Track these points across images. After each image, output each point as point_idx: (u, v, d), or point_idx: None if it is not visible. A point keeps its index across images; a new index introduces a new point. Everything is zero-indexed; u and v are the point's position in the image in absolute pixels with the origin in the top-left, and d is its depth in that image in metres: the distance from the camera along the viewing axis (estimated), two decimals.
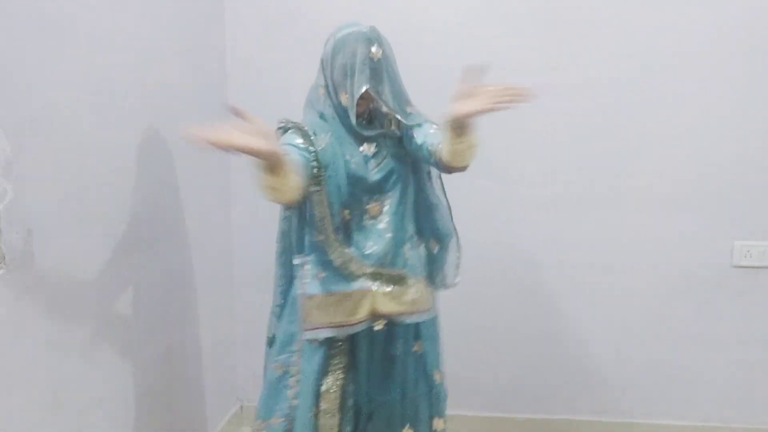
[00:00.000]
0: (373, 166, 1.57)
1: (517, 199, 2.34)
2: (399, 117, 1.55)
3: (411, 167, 1.65)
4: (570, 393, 2.46)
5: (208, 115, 2.33)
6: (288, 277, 1.71)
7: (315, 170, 1.51)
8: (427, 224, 1.70)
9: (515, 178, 2.32)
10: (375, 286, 1.57)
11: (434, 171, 1.70)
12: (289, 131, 1.58)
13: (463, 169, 1.49)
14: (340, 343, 1.60)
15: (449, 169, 1.50)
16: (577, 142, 2.29)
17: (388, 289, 1.57)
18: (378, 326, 1.59)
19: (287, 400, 1.62)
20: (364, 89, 1.47)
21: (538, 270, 2.38)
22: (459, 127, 1.36)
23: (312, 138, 1.55)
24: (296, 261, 1.65)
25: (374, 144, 1.59)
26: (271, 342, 1.74)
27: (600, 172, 2.31)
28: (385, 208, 1.59)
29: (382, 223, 1.58)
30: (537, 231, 2.36)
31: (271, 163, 1.27)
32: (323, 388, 1.58)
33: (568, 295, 2.40)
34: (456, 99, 1.34)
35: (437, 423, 1.73)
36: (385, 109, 1.56)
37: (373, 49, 1.48)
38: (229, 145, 1.17)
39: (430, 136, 1.54)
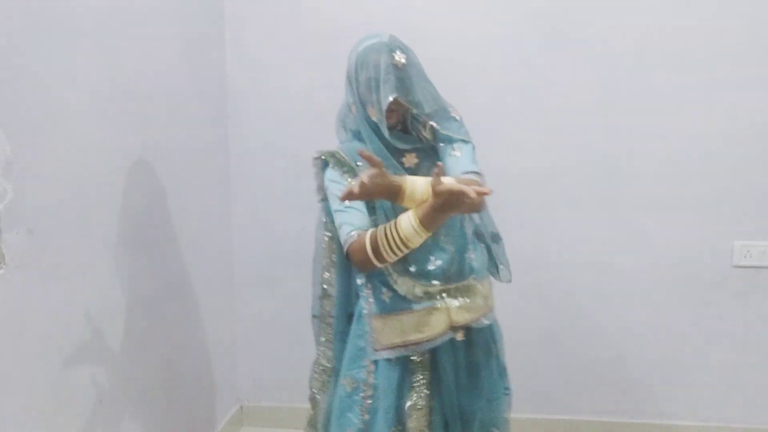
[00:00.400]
0: None
1: (517, 198, 2.34)
2: (434, 124, 1.51)
3: None
4: (570, 393, 2.46)
5: (208, 115, 2.33)
6: (346, 299, 1.65)
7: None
8: (483, 220, 1.65)
9: (515, 178, 2.32)
10: (446, 301, 1.51)
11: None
12: (330, 166, 1.53)
13: None
14: (420, 359, 1.53)
15: None
16: (577, 141, 2.29)
17: (460, 302, 1.52)
18: (459, 336, 1.54)
19: (358, 416, 1.55)
20: (391, 99, 1.41)
21: (538, 270, 2.38)
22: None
23: (355, 168, 1.50)
24: (359, 281, 1.59)
25: (414, 154, 1.53)
26: (333, 371, 1.67)
27: (600, 172, 2.31)
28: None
29: (441, 235, 1.51)
30: (537, 231, 2.36)
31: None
32: (409, 405, 1.52)
33: (568, 295, 2.40)
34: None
35: (507, 414, 1.70)
36: (421, 116, 1.51)
37: (396, 56, 1.43)
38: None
39: (452, 165, 1.50)
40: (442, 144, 1.54)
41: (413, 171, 1.52)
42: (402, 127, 1.56)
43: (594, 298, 2.38)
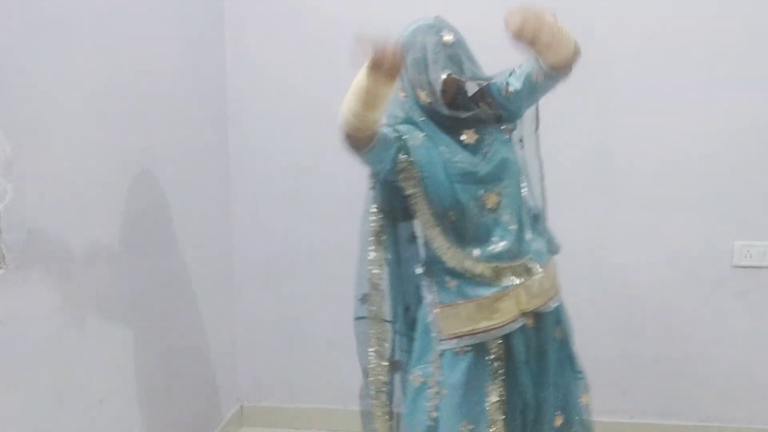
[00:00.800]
0: (480, 159, 1.48)
1: None
2: (494, 80, 1.50)
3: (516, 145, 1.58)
4: None
5: (208, 115, 2.33)
6: (399, 290, 1.62)
7: (396, 149, 1.45)
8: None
9: None
10: (512, 282, 1.48)
11: (527, 131, 1.63)
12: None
13: (570, 62, 1.46)
14: (495, 350, 1.50)
15: (559, 72, 1.47)
16: (577, 141, 2.29)
17: (525, 282, 1.49)
18: (529, 322, 1.52)
19: (426, 413, 1.51)
20: (445, 76, 1.40)
21: None
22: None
23: (401, 135, 1.47)
24: (418, 271, 1.56)
25: (473, 130, 1.49)
26: (398, 366, 1.64)
27: (600, 172, 2.31)
28: (504, 199, 1.49)
29: (504, 215, 1.49)
30: None
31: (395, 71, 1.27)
32: (488, 401, 1.49)
33: (567, 294, 2.38)
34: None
35: (584, 398, 1.67)
36: (475, 85, 1.49)
37: (444, 35, 1.44)
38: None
39: (523, 68, 1.50)
40: (509, 82, 1.52)
41: (474, 147, 1.49)
42: (456, 105, 1.52)
43: (593, 298, 2.38)
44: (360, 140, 1.39)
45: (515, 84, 1.50)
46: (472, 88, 1.52)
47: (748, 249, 2.26)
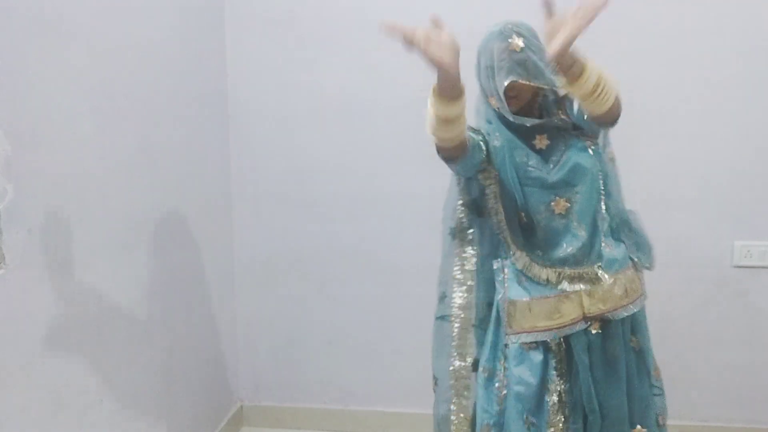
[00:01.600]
0: (552, 166, 1.50)
1: None
2: (555, 87, 1.50)
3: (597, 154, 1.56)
4: None
5: (209, 114, 2.33)
6: (487, 287, 1.63)
7: (484, 150, 1.49)
8: (611, 208, 1.59)
9: None
10: (577, 287, 1.50)
11: (601, 143, 1.62)
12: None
13: (610, 117, 1.42)
14: (555, 350, 1.52)
15: (600, 122, 1.44)
16: None
17: (591, 288, 1.50)
18: (594, 329, 1.51)
19: (494, 407, 1.56)
20: (507, 82, 1.41)
21: None
22: (566, 67, 1.30)
23: (484, 135, 1.51)
24: (495, 265, 1.59)
25: (545, 135, 1.51)
26: (475, 366, 1.64)
27: None
28: (575, 206, 1.50)
29: (573, 221, 1.51)
30: None
31: (449, 86, 1.26)
32: (547, 399, 1.51)
33: None
34: (547, 42, 1.27)
35: (659, 418, 1.67)
36: (548, 92, 1.51)
37: (512, 41, 1.44)
38: (423, 49, 1.22)
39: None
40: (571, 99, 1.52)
41: (546, 153, 1.51)
42: (538, 113, 1.55)
43: None
44: (451, 151, 1.42)
45: (573, 108, 1.53)
46: (552, 95, 1.54)
47: (748, 249, 2.26)
